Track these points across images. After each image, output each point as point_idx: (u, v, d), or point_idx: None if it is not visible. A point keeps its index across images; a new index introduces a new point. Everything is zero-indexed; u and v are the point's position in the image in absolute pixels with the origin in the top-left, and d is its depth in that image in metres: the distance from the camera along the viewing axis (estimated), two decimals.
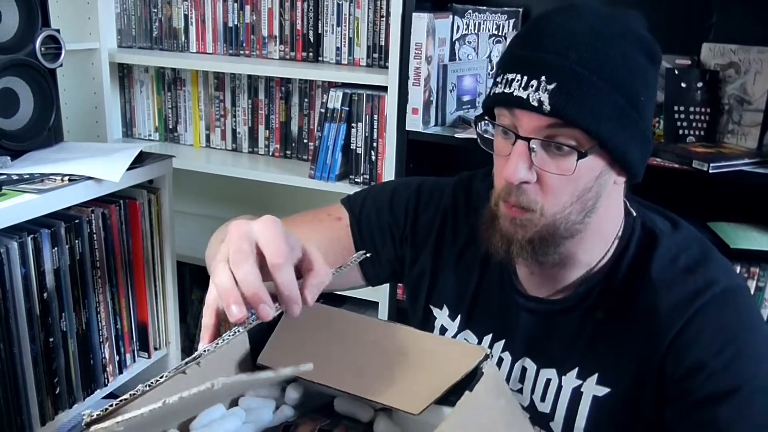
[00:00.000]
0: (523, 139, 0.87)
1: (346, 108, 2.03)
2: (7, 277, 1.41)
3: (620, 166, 0.91)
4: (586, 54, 0.85)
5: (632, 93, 0.87)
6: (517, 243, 0.92)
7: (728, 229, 1.71)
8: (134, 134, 2.55)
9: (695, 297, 0.91)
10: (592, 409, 0.96)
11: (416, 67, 1.84)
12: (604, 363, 0.96)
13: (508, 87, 0.87)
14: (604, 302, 0.97)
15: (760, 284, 1.63)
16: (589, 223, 0.93)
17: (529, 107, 0.85)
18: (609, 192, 0.93)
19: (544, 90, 0.84)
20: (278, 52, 2.25)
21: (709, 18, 1.81)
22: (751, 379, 0.88)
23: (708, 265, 0.94)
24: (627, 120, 0.87)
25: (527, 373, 1.02)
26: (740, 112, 1.74)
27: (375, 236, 1.16)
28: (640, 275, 0.96)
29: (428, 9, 1.86)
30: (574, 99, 0.84)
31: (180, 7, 2.36)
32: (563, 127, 0.86)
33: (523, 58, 0.88)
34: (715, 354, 0.89)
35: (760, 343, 0.91)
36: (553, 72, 0.85)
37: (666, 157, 1.66)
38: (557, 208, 0.90)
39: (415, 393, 0.77)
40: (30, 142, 1.68)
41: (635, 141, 0.89)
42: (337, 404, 0.82)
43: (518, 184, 0.89)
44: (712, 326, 0.90)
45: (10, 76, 1.61)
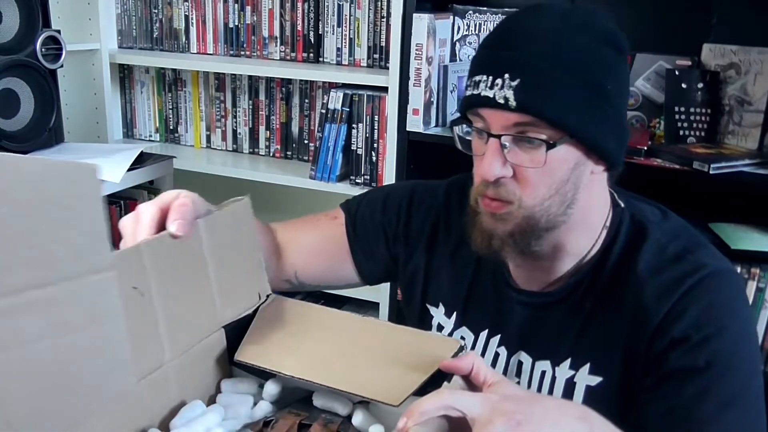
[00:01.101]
0: (495, 137, 0.90)
1: (346, 109, 2.03)
2: None
3: (596, 155, 0.93)
4: (547, 48, 0.88)
5: (597, 82, 0.89)
6: (498, 237, 0.94)
7: (729, 229, 1.71)
8: (135, 135, 2.55)
9: (682, 281, 0.92)
10: (586, 399, 0.97)
11: (417, 67, 1.84)
12: (596, 352, 0.97)
13: (476, 89, 0.91)
14: (593, 292, 0.99)
15: (760, 285, 1.63)
16: (572, 214, 0.94)
17: (496, 105, 0.88)
18: (588, 183, 0.95)
19: (509, 87, 0.87)
20: (279, 53, 2.25)
21: (710, 19, 1.81)
22: (723, 358, 0.90)
23: (696, 252, 0.96)
24: (595, 109, 0.89)
25: (523, 366, 1.03)
26: (741, 112, 1.74)
27: (369, 234, 1.18)
28: (629, 265, 0.97)
29: (429, 10, 1.86)
30: (538, 93, 0.87)
31: (180, 8, 2.36)
32: (531, 122, 0.88)
33: (487, 59, 0.92)
34: (694, 330, 0.90)
35: (739, 325, 0.93)
36: (516, 68, 0.87)
37: (666, 157, 1.66)
38: (536, 200, 0.92)
39: (393, 385, 0.78)
40: (30, 143, 1.68)
41: (607, 129, 0.91)
42: (315, 399, 0.83)
43: (495, 180, 0.91)
44: (696, 305, 0.91)
45: (11, 77, 1.61)
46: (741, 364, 0.91)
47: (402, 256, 1.17)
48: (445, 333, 1.10)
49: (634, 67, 1.85)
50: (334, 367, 0.83)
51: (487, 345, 1.07)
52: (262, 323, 0.90)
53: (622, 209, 1.01)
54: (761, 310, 1.64)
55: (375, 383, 0.80)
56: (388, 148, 1.96)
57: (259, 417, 0.82)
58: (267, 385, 0.85)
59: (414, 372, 0.79)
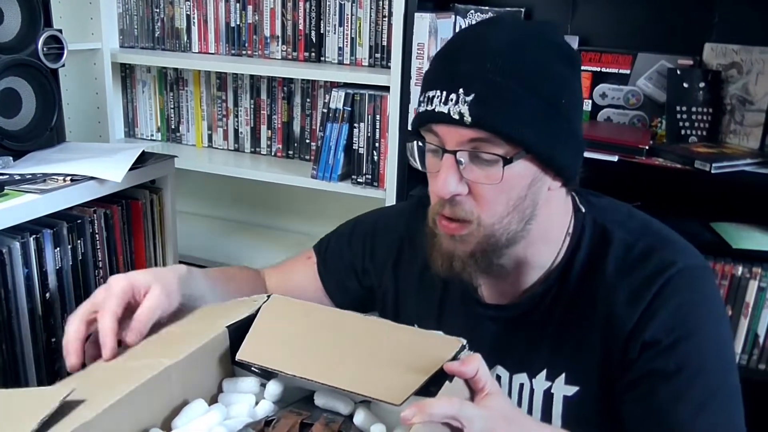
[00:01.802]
0: (450, 153, 0.88)
1: (348, 108, 2.03)
2: (9, 277, 1.41)
3: (552, 170, 0.91)
4: (502, 62, 0.86)
5: (552, 96, 0.87)
6: (458, 258, 0.93)
7: (730, 229, 1.71)
8: (136, 134, 2.55)
9: (652, 282, 0.92)
10: (565, 409, 0.97)
11: (418, 67, 1.84)
12: (570, 362, 0.97)
13: (430, 104, 0.89)
14: (561, 301, 0.98)
15: (762, 284, 1.63)
16: (531, 229, 0.93)
17: (450, 121, 0.86)
18: (547, 198, 0.93)
19: (464, 102, 0.85)
20: (280, 52, 2.25)
21: (712, 18, 1.81)
22: (694, 361, 0.89)
23: (664, 249, 0.95)
24: (550, 123, 0.88)
25: (501, 381, 1.03)
26: (742, 112, 1.74)
27: (340, 273, 1.22)
28: (596, 270, 0.96)
29: (430, 9, 1.86)
30: (494, 107, 0.85)
31: (182, 8, 2.36)
32: (487, 137, 0.86)
33: (441, 74, 0.90)
34: (664, 334, 0.90)
35: (710, 324, 0.92)
36: (470, 83, 0.85)
37: (668, 157, 1.66)
38: (494, 218, 0.90)
39: (395, 384, 0.79)
40: (32, 143, 1.68)
41: (562, 143, 0.90)
42: (317, 398, 0.84)
43: (451, 198, 0.89)
44: (666, 308, 0.91)
45: (13, 76, 1.61)
46: (712, 366, 0.90)
47: (375, 285, 1.19)
48: None
49: (635, 66, 1.85)
50: (336, 366, 0.83)
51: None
52: (263, 323, 0.91)
53: (584, 214, 1.00)
54: (762, 310, 1.64)
55: (377, 382, 0.80)
56: (389, 148, 1.96)
57: (260, 416, 0.83)
58: (269, 384, 0.86)
59: (415, 371, 0.79)
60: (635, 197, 1.04)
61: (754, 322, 1.65)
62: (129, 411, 0.75)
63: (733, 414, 0.90)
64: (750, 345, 1.66)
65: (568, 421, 0.97)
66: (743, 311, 1.65)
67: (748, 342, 1.66)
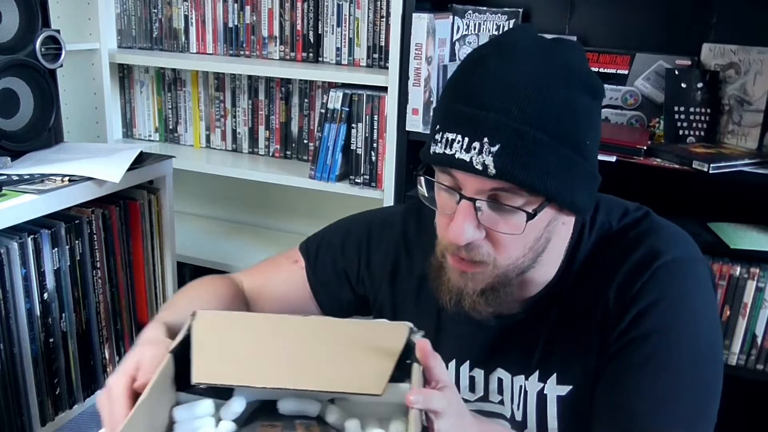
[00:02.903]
0: (468, 199, 0.84)
1: (346, 108, 2.03)
2: (7, 277, 1.41)
3: (569, 210, 0.89)
4: (529, 108, 0.81)
5: (578, 140, 0.84)
6: (468, 297, 0.91)
7: (728, 229, 1.71)
8: (134, 135, 2.55)
9: (639, 273, 0.90)
10: (560, 409, 0.97)
11: (416, 67, 1.84)
12: (561, 362, 0.96)
13: (449, 148, 0.83)
14: (557, 302, 0.97)
15: (760, 284, 1.63)
16: (541, 260, 0.92)
17: (473, 170, 0.82)
18: (559, 231, 0.92)
19: (488, 152, 0.80)
20: (278, 53, 2.25)
21: (710, 18, 1.81)
22: (663, 355, 0.88)
23: (655, 236, 0.93)
24: (573, 168, 0.85)
25: (503, 383, 1.03)
26: (740, 112, 1.74)
27: (331, 281, 1.16)
28: (592, 267, 0.96)
29: (428, 9, 1.86)
30: (520, 159, 0.81)
31: (180, 8, 2.36)
32: (509, 188, 0.83)
33: (462, 116, 0.84)
34: (639, 325, 0.89)
35: (688, 321, 0.90)
36: (496, 132, 0.81)
37: (666, 157, 1.66)
38: (510, 260, 0.88)
39: (367, 376, 0.79)
40: (30, 143, 1.68)
41: (582, 185, 0.87)
42: (281, 405, 0.81)
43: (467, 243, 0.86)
44: (647, 298, 0.89)
45: (11, 77, 1.61)
46: (682, 363, 0.88)
47: (370, 295, 1.15)
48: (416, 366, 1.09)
49: (633, 66, 1.85)
50: (301, 370, 0.81)
51: (459, 373, 1.06)
52: (203, 340, 0.85)
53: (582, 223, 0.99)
54: (761, 310, 1.64)
55: (349, 378, 0.79)
56: (387, 148, 1.96)
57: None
58: (231, 402, 0.82)
59: (380, 360, 0.80)
60: (633, 197, 1.03)
61: (752, 323, 1.65)
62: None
63: (697, 414, 0.88)
64: (748, 345, 1.66)
65: (565, 420, 0.97)
66: (741, 311, 1.65)
67: (746, 342, 1.66)
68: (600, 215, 0.98)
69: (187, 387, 0.83)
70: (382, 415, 0.82)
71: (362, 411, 0.82)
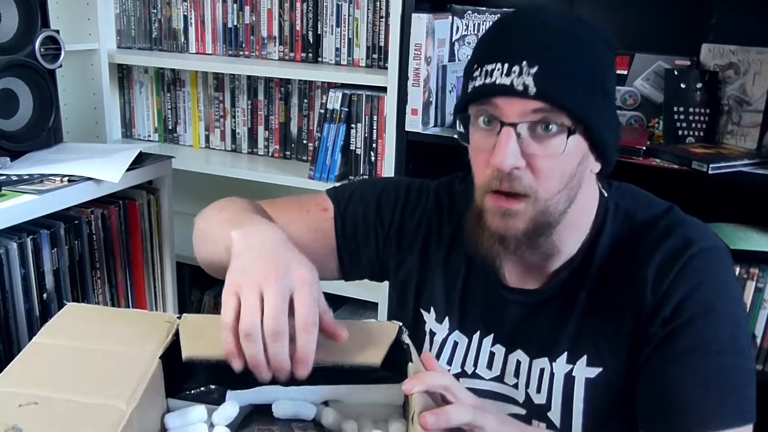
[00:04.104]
0: (509, 125, 0.87)
1: (345, 109, 2.03)
2: (6, 277, 1.41)
3: (597, 151, 0.93)
4: (560, 43, 0.87)
5: (602, 80, 0.91)
6: (511, 237, 0.92)
7: (728, 230, 1.71)
8: (134, 135, 2.55)
9: (676, 258, 0.93)
10: (587, 391, 0.97)
11: (416, 67, 1.84)
12: (592, 344, 0.97)
13: (489, 77, 0.88)
14: (586, 284, 0.99)
15: (759, 285, 1.63)
16: (570, 213, 0.95)
17: (513, 93, 0.86)
18: (587, 181, 0.96)
19: (528, 74, 0.85)
20: (278, 53, 2.25)
21: (709, 19, 1.81)
22: (710, 339, 0.91)
23: (685, 227, 0.97)
24: (601, 104, 0.90)
25: (521, 366, 1.03)
26: (740, 112, 1.74)
27: (359, 234, 1.15)
28: (620, 251, 0.98)
29: (427, 10, 1.86)
30: (557, 81, 0.86)
31: (179, 8, 2.36)
32: (549, 110, 0.87)
33: (500, 48, 0.89)
34: (683, 310, 0.91)
35: (727, 305, 0.93)
36: (534, 55, 0.86)
37: (665, 157, 1.66)
38: (549, 193, 0.91)
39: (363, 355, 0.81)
40: (29, 143, 1.68)
41: (609, 124, 0.93)
42: (276, 409, 0.81)
43: (509, 171, 0.88)
44: (687, 284, 0.92)
45: (10, 77, 1.61)
46: (726, 345, 0.91)
47: (393, 261, 1.15)
48: (438, 339, 1.10)
49: (633, 67, 1.85)
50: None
51: (481, 346, 1.07)
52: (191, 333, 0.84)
53: (607, 198, 1.02)
54: (760, 310, 1.64)
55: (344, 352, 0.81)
56: (386, 148, 1.95)
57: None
58: (224, 407, 0.81)
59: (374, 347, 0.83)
60: None
61: (752, 323, 1.65)
62: None
63: (743, 394, 0.91)
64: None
65: (592, 402, 0.97)
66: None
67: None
68: (625, 201, 1.02)
69: (177, 393, 0.83)
70: (378, 417, 0.83)
71: (358, 413, 0.82)
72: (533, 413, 1.01)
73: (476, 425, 0.77)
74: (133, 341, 0.83)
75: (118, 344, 0.83)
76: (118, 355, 0.80)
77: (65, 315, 0.91)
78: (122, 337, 0.84)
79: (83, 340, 0.84)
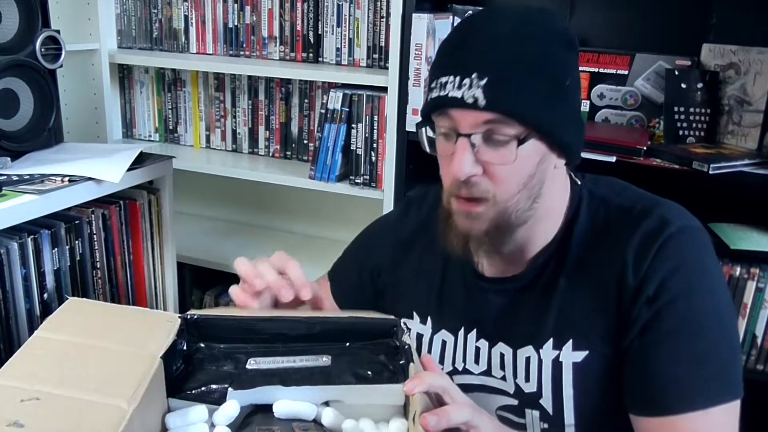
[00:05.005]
0: (464, 136, 0.91)
1: (346, 109, 2.03)
2: (7, 277, 1.41)
3: (558, 149, 0.95)
4: (509, 50, 0.90)
5: (556, 79, 0.92)
6: (474, 237, 0.97)
7: (728, 230, 1.71)
8: (134, 135, 2.55)
9: (654, 238, 0.95)
10: (575, 376, 0.98)
11: (416, 67, 1.84)
12: (576, 328, 0.99)
13: (443, 90, 0.92)
14: (564, 269, 1.01)
15: (759, 285, 1.63)
16: (538, 208, 0.97)
17: (464, 105, 0.90)
18: (552, 177, 0.98)
19: (477, 86, 0.89)
20: (278, 53, 2.25)
21: (709, 19, 1.81)
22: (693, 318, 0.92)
23: (662, 207, 0.98)
24: (556, 104, 0.92)
25: (505, 358, 1.05)
26: (740, 112, 1.74)
27: (352, 296, 1.26)
28: (598, 234, 1.00)
29: (428, 10, 1.86)
30: (506, 90, 0.89)
31: (180, 8, 2.36)
32: (500, 119, 0.90)
33: (452, 60, 0.93)
34: (665, 290, 0.93)
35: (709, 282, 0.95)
36: (482, 67, 0.89)
37: (666, 157, 1.66)
38: (508, 195, 0.94)
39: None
40: (30, 143, 1.68)
41: (567, 122, 0.94)
42: (276, 410, 0.82)
43: (467, 179, 0.93)
44: (668, 264, 0.93)
45: (11, 77, 1.61)
46: (711, 322, 0.93)
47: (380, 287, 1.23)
48: (425, 340, 1.13)
49: (633, 67, 1.85)
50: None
51: (467, 342, 1.09)
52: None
53: (580, 186, 1.04)
54: (761, 310, 1.64)
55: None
56: (387, 148, 1.95)
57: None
58: (225, 406, 0.81)
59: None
60: None
61: (752, 323, 1.65)
62: None
63: (729, 370, 0.92)
64: (748, 345, 1.66)
65: (581, 387, 0.98)
66: (741, 312, 1.65)
67: (746, 342, 1.66)
68: (599, 189, 1.04)
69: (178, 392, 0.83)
70: (378, 417, 0.83)
71: (358, 413, 0.82)
72: (525, 403, 1.03)
73: (473, 425, 0.80)
74: (135, 340, 0.83)
75: (119, 342, 0.83)
76: (120, 353, 0.80)
77: (67, 310, 0.91)
78: (124, 335, 0.84)
79: (85, 336, 0.84)
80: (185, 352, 0.89)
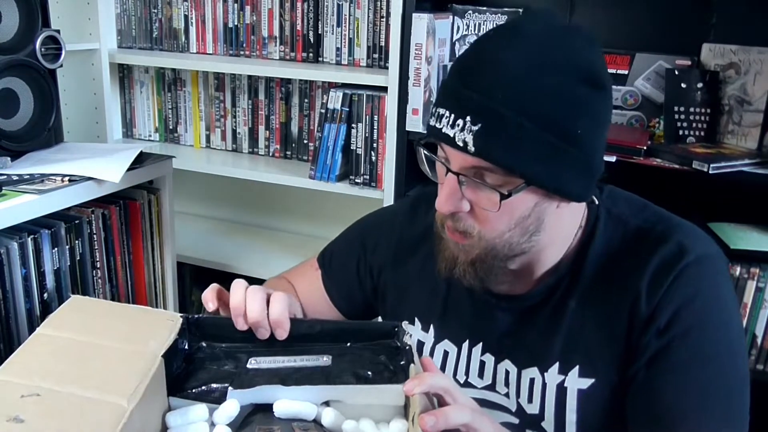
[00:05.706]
0: (453, 173, 0.89)
1: (346, 108, 2.03)
2: (7, 277, 1.40)
3: (559, 196, 0.89)
4: (513, 93, 0.83)
5: (566, 128, 0.84)
6: (460, 266, 0.95)
7: (728, 229, 1.71)
8: (134, 135, 2.55)
9: (671, 267, 0.92)
10: (580, 402, 0.97)
11: (416, 67, 1.84)
12: (584, 354, 0.97)
13: (439, 122, 0.88)
14: (576, 292, 0.98)
15: (760, 285, 1.63)
16: (538, 240, 0.93)
17: (455, 146, 0.86)
18: (556, 212, 0.92)
19: (469, 131, 0.84)
20: (278, 53, 2.25)
21: (710, 18, 1.81)
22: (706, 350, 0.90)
23: (680, 233, 0.95)
24: (560, 156, 0.85)
25: (510, 376, 1.03)
26: (740, 112, 1.74)
27: (346, 284, 1.23)
28: (613, 259, 0.96)
29: (428, 9, 1.86)
30: (499, 142, 0.83)
31: (180, 8, 2.35)
32: (489, 167, 0.86)
33: (452, 92, 0.88)
34: (678, 321, 0.91)
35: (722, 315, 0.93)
36: (478, 113, 0.84)
37: (666, 157, 1.66)
38: (494, 233, 0.91)
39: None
40: (30, 143, 1.67)
41: (571, 173, 0.87)
42: (277, 409, 0.82)
43: (452, 213, 0.91)
44: (682, 294, 0.91)
45: (11, 77, 1.61)
46: (722, 355, 0.91)
47: (377, 282, 1.20)
48: (426, 348, 1.11)
49: (633, 67, 1.85)
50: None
51: (471, 355, 1.06)
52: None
53: (598, 206, 1.00)
54: (761, 310, 1.64)
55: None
56: (387, 148, 1.95)
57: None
58: (225, 405, 0.81)
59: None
60: None
61: (752, 323, 1.65)
62: None
63: (737, 401, 0.91)
64: (748, 345, 1.66)
65: (584, 413, 0.97)
66: (741, 312, 1.65)
67: (746, 342, 1.66)
68: (618, 207, 1.00)
69: (178, 391, 0.83)
70: (378, 418, 0.83)
71: (359, 413, 0.82)
72: (527, 423, 1.01)
73: (473, 427, 0.78)
74: (137, 338, 0.84)
75: (121, 340, 0.83)
76: (121, 351, 0.81)
77: (69, 307, 0.91)
78: (126, 334, 0.85)
79: (86, 333, 0.84)
80: (186, 351, 0.89)
